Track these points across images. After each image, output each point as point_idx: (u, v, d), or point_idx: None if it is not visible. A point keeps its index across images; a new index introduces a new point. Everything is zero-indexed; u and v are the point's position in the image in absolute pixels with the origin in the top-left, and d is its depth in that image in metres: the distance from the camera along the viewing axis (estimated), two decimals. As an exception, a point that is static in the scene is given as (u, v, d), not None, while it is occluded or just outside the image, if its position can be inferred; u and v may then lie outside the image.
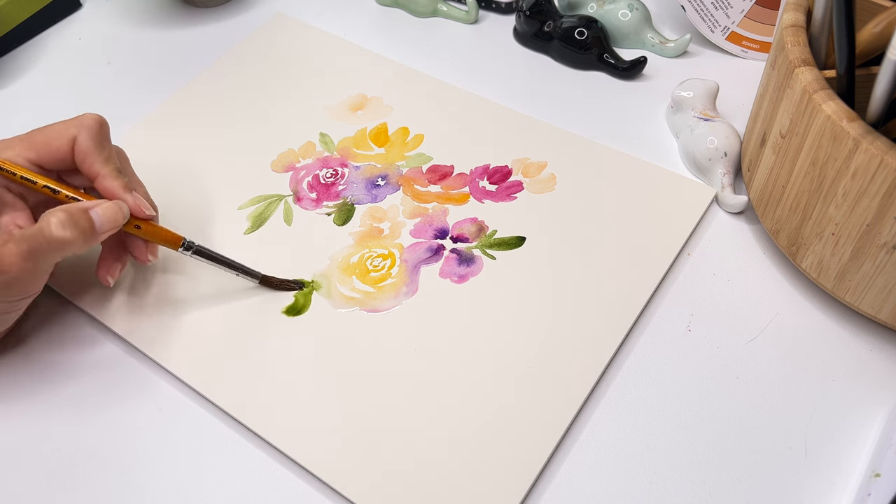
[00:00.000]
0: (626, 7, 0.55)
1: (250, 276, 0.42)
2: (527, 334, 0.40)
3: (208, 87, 0.55)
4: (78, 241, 0.36)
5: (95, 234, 0.36)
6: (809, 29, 0.39)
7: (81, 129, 0.38)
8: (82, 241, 0.36)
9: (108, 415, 0.39)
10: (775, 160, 0.40)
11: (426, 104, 0.52)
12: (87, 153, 0.38)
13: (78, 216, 0.36)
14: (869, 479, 0.34)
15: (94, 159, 0.38)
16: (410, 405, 0.38)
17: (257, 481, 0.37)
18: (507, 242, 0.44)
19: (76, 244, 0.36)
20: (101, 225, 0.36)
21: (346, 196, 0.47)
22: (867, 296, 0.38)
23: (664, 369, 0.40)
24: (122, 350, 0.41)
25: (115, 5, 0.63)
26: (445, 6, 0.59)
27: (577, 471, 0.36)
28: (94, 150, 0.38)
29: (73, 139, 0.38)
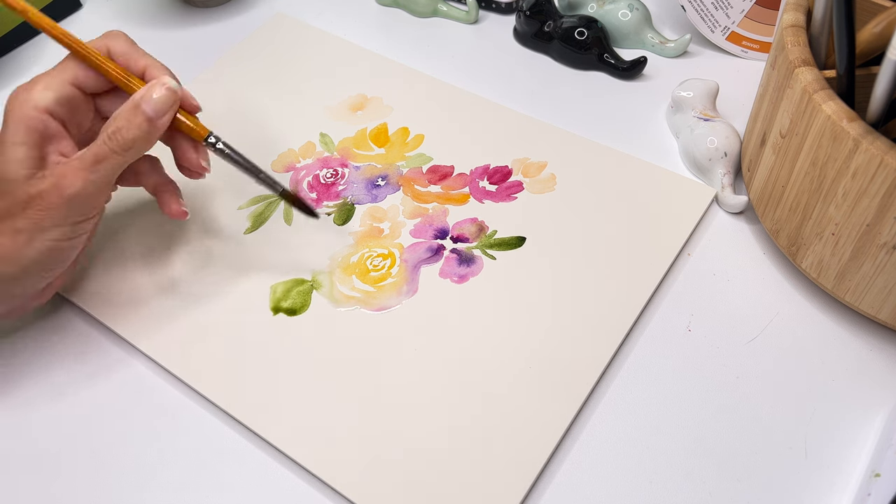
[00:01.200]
0: (626, 7, 0.55)
1: (271, 186, 0.41)
2: (527, 334, 0.40)
3: (208, 87, 0.55)
4: (141, 138, 0.36)
5: (154, 124, 0.37)
6: (809, 29, 0.39)
7: (111, 39, 0.38)
8: (146, 137, 0.36)
9: (108, 415, 0.39)
10: (775, 160, 0.40)
11: (426, 104, 0.52)
12: (127, 52, 0.38)
13: (132, 114, 0.36)
14: (869, 479, 0.35)
15: (136, 57, 0.38)
16: (410, 405, 0.38)
17: (257, 481, 0.37)
18: (507, 242, 0.44)
19: (139, 141, 0.36)
20: (155, 112, 0.36)
21: (346, 196, 0.47)
22: (867, 296, 0.38)
23: (664, 369, 0.40)
24: (122, 350, 0.41)
25: (115, 5, 0.63)
26: (445, 6, 0.59)
27: (577, 471, 0.36)
28: (131, 49, 0.38)
29: (107, 50, 0.38)
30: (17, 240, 0.35)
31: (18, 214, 0.35)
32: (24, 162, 0.35)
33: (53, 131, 0.36)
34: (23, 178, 0.35)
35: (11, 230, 0.35)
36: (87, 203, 0.36)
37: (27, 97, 0.36)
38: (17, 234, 0.35)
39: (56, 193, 0.35)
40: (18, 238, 0.35)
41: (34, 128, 0.35)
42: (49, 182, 0.35)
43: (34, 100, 0.36)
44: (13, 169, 0.35)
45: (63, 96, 0.37)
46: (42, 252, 0.36)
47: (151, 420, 0.39)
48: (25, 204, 0.35)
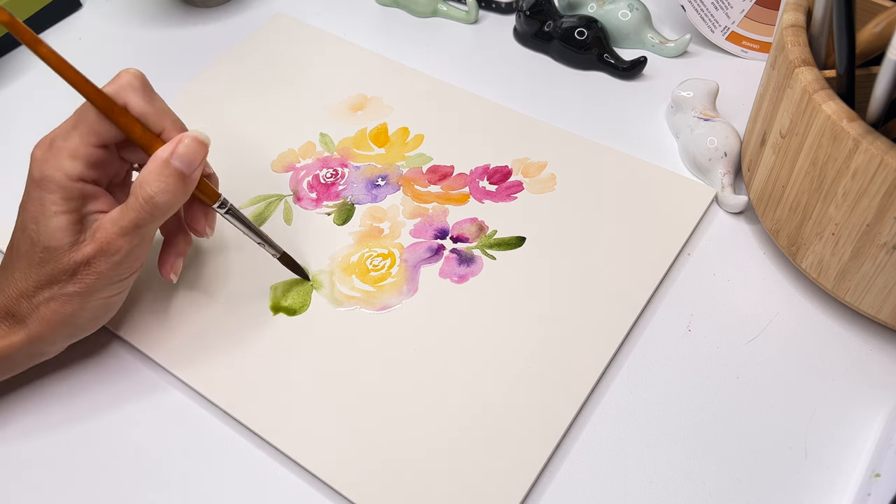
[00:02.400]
0: (626, 7, 0.55)
1: (272, 249, 0.41)
2: (527, 334, 0.40)
3: (208, 86, 0.55)
4: (176, 198, 0.36)
5: (187, 180, 0.36)
6: (809, 29, 0.39)
7: (128, 91, 0.36)
8: (182, 193, 0.36)
9: (107, 415, 0.39)
10: (775, 160, 0.40)
11: (426, 104, 0.52)
12: (145, 113, 0.37)
13: (166, 174, 0.35)
14: (869, 479, 0.35)
15: (154, 117, 0.37)
16: (410, 405, 0.38)
17: (257, 481, 0.37)
18: (507, 242, 0.44)
19: (177, 199, 0.36)
20: (187, 166, 0.36)
21: (346, 196, 0.47)
22: (867, 296, 0.38)
23: (664, 369, 0.40)
24: (121, 349, 0.41)
25: (115, 5, 0.63)
26: (445, 6, 0.59)
27: (577, 471, 0.36)
28: (148, 108, 0.37)
29: (124, 106, 0.36)
30: (71, 304, 0.36)
31: (67, 281, 0.35)
32: (66, 230, 0.35)
33: (90, 193, 0.36)
34: (67, 245, 0.35)
35: (63, 296, 0.35)
36: (135, 260, 0.37)
37: (57, 166, 0.35)
38: (68, 299, 0.36)
39: (103, 260, 0.35)
40: (72, 302, 0.36)
41: (71, 196, 0.35)
42: (93, 248, 0.35)
43: (65, 170, 0.35)
44: (57, 237, 0.35)
45: (92, 160, 0.36)
46: (95, 311, 0.37)
47: (150, 420, 0.39)
48: (73, 271, 0.35)
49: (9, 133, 0.54)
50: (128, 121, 0.36)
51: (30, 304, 0.36)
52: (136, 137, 0.36)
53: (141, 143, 0.36)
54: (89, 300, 0.36)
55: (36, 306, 0.36)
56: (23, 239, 0.36)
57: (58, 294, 0.35)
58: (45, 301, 0.36)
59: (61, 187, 0.35)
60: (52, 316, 0.36)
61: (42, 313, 0.36)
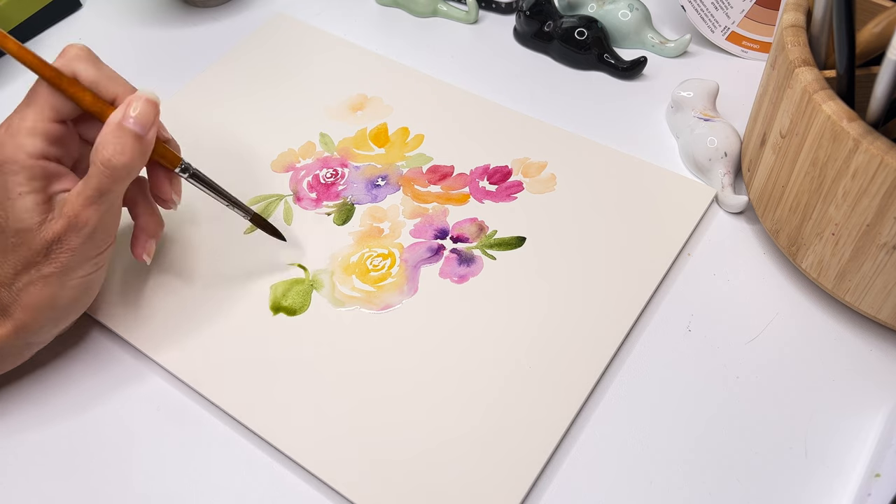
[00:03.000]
0: (626, 7, 0.55)
1: (242, 211, 0.41)
2: (527, 334, 0.40)
3: (208, 86, 0.55)
4: (134, 159, 0.35)
5: (143, 140, 0.35)
6: (809, 29, 0.39)
7: (75, 62, 0.36)
8: (139, 154, 0.35)
9: (107, 414, 0.39)
10: (775, 160, 0.40)
11: (426, 104, 0.52)
12: (96, 80, 0.36)
13: (121, 136, 0.35)
14: (869, 479, 0.34)
15: (105, 83, 0.37)
16: (410, 405, 0.38)
17: (257, 481, 0.37)
18: (507, 242, 0.44)
19: (134, 160, 0.35)
20: (142, 127, 0.35)
21: (346, 196, 0.47)
22: (867, 296, 0.38)
23: (664, 369, 0.40)
24: (122, 349, 0.41)
25: (115, 5, 0.63)
26: (445, 6, 0.59)
27: (577, 471, 0.36)
28: (99, 74, 0.37)
29: (73, 76, 0.36)
30: (50, 285, 0.35)
31: (42, 262, 0.35)
32: (34, 210, 0.35)
33: (53, 171, 0.36)
34: (36, 224, 0.35)
35: (41, 278, 0.35)
36: (105, 233, 0.36)
37: (16, 145, 0.35)
38: (47, 280, 0.35)
39: (74, 235, 0.35)
40: (51, 284, 0.35)
41: (35, 175, 0.35)
42: (62, 224, 0.35)
43: (26, 148, 0.35)
44: (25, 218, 0.35)
45: (51, 136, 0.36)
46: (75, 290, 0.37)
47: (150, 420, 0.39)
48: (47, 251, 0.35)
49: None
50: (78, 90, 0.36)
51: (10, 293, 0.35)
52: (88, 105, 0.36)
53: (93, 110, 0.36)
54: (67, 279, 0.36)
55: (17, 294, 0.35)
56: None
57: (36, 277, 0.35)
58: (24, 286, 0.35)
59: (24, 167, 0.35)
60: (34, 301, 0.35)
61: (24, 300, 0.35)
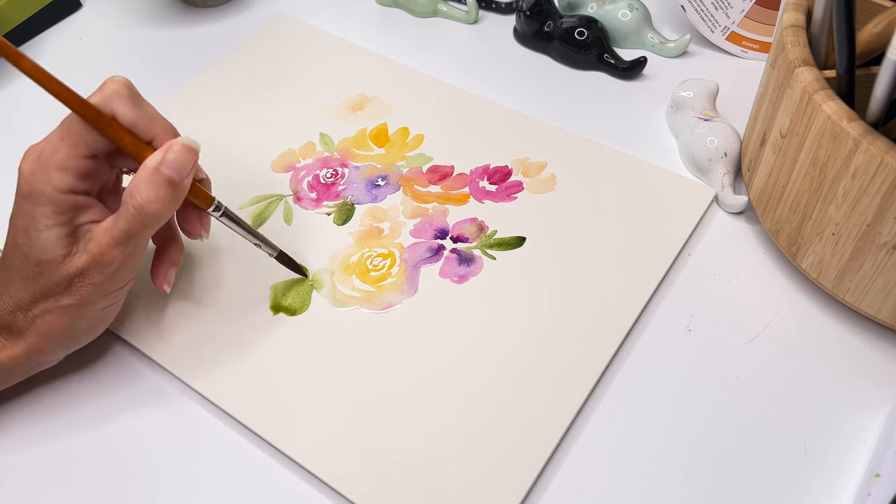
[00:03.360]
0: (626, 7, 0.55)
1: (269, 249, 0.41)
2: (526, 334, 0.40)
3: (208, 86, 0.55)
4: (168, 206, 0.35)
5: (178, 186, 0.35)
6: (809, 29, 0.39)
7: (114, 100, 0.35)
8: (172, 201, 0.35)
9: (107, 416, 0.39)
10: (775, 160, 0.40)
11: (426, 104, 0.52)
12: (135, 121, 0.35)
13: (157, 182, 0.34)
14: (869, 479, 0.35)
15: (144, 125, 0.36)
16: (410, 405, 0.38)
17: (257, 481, 0.37)
18: (507, 242, 0.44)
19: (167, 208, 0.35)
20: (178, 174, 0.35)
21: (346, 196, 0.47)
22: (867, 296, 0.38)
23: (664, 369, 0.40)
24: (120, 349, 0.41)
25: (115, 5, 0.63)
26: (445, 6, 0.59)
27: (577, 471, 0.36)
28: (138, 115, 0.36)
29: (112, 115, 0.35)
30: (67, 316, 0.35)
31: (62, 293, 0.35)
32: (59, 243, 0.34)
33: (81, 204, 0.35)
34: (59, 258, 0.34)
35: (58, 308, 0.35)
36: (128, 271, 0.36)
37: (46, 179, 0.34)
38: (64, 311, 0.35)
39: (97, 271, 0.35)
40: (68, 314, 0.35)
41: (62, 209, 0.34)
42: (86, 259, 0.34)
43: (55, 183, 0.34)
44: (49, 250, 0.34)
45: (81, 171, 0.35)
46: (92, 322, 0.37)
47: (149, 420, 0.39)
48: (68, 283, 0.35)
49: (8, 134, 0.54)
50: (116, 130, 0.35)
51: (26, 318, 0.35)
52: (126, 147, 0.35)
53: (131, 152, 0.36)
54: (85, 311, 0.36)
55: (32, 319, 0.35)
56: (15, 253, 0.35)
57: (54, 306, 0.35)
58: (41, 314, 0.35)
59: (51, 201, 0.34)
60: (49, 328, 0.35)
61: (39, 326, 0.35)
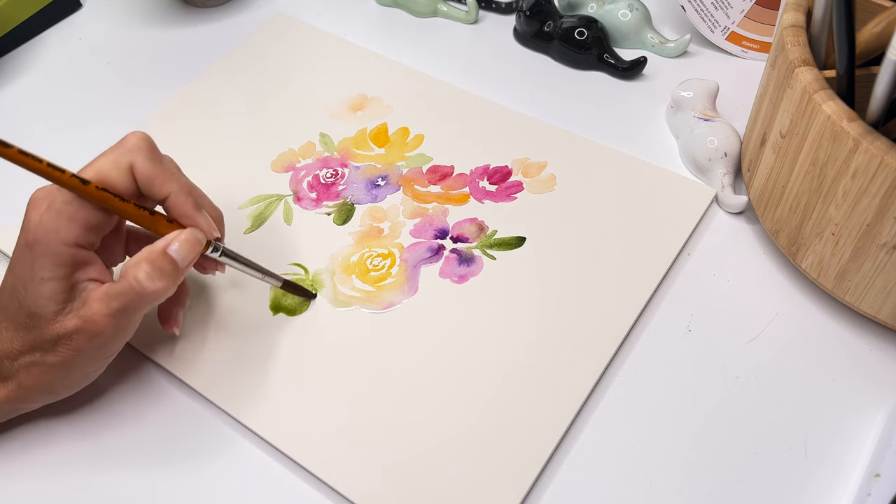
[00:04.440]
0: (626, 7, 0.55)
1: (274, 279, 0.41)
2: (526, 334, 0.40)
3: (208, 86, 0.55)
4: (168, 286, 0.35)
5: (180, 272, 0.35)
6: (809, 29, 0.39)
7: (134, 153, 0.35)
8: (172, 286, 0.35)
9: (103, 413, 0.39)
10: (775, 160, 0.40)
11: (426, 104, 0.52)
12: (152, 176, 0.36)
13: (161, 262, 0.34)
14: (869, 479, 0.35)
15: (161, 179, 0.36)
16: (410, 405, 0.38)
17: (258, 482, 0.37)
18: (507, 242, 0.44)
19: (167, 291, 0.35)
20: (182, 260, 0.35)
21: (346, 196, 0.47)
22: (867, 296, 0.38)
23: (664, 369, 0.40)
24: (123, 350, 0.41)
25: (115, 5, 0.63)
26: (445, 6, 0.59)
27: (577, 471, 0.36)
28: (155, 170, 0.36)
29: (130, 167, 0.35)
30: (51, 374, 0.35)
31: (49, 350, 0.34)
32: (52, 298, 0.34)
33: (83, 259, 0.34)
34: (52, 314, 0.34)
35: (43, 364, 0.34)
36: (117, 343, 0.36)
37: (54, 228, 0.33)
38: (48, 369, 0.35)
39: (84, 337, 0.34)
40: (51, 373, 0.35)
41: (63, 262, 0.34)
42: (76, 324, 0.34)
43: (60, 234, 0.33)
44: (42, 304, 0.34)
45: (91, 224, 0.34)
46: (74, 381, 0.36)
47: (149, 419, 0.39)
48: (55, 341, 0.34)
49: (8, 134, 0.54)
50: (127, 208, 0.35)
51: (11, 367, 0.35)
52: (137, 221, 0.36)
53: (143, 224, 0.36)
54: (69, 372, 0.35)
55: (17, 370, 0.35)
56: (11, 300, 0.35)
57: (39, 361, 0.34)
58: (26, 366, 0.35)
59: (54, 252, 0.33)
60: (32, 382, 0.35)
61: (22, 378, 0.35)
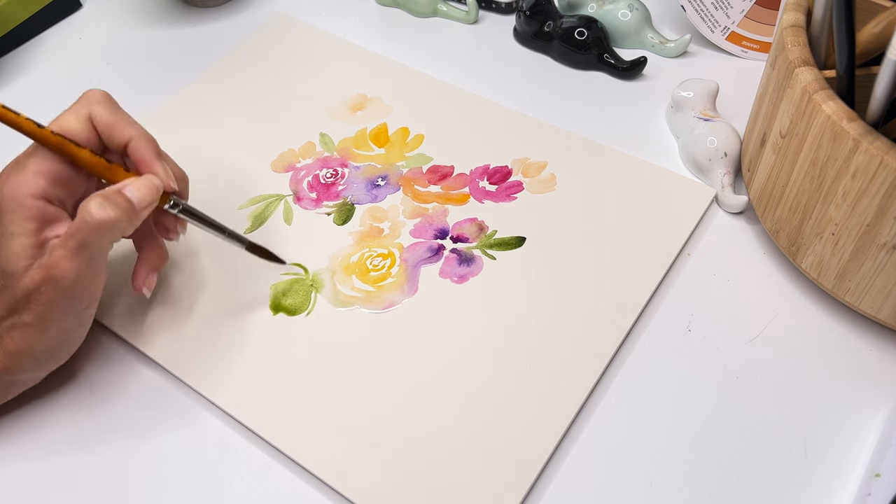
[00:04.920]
0: (626, 7, 0.55)
1: (237, 241, 0.41)
2: (527, 334, 0.40)
3: (208, 86, 0.55)
4: (121, 219, 0.34)
5: (136, 211, 0.35)
6: (809, 29, 0.39)
7: (93, 103, 0.36)
8: (126, 220, 0.35)
9: (104, 415, 0.39)
10: (775, 160, 0.40)
11: (426, 104, 0.52)
12: (111, 122, 0.36)
13: (114, 196, 0.34)
14: (869, 479, 0.35)
15: (120, 126, 0.36)
16: (410, 405, 0.38)
17: (257, 482, 0.37)
18: (507, 242, 0.44)
19: (121, 223, 0.34)
20: (137, 199, 0.35)
21: (346, 196, 0.47)
22: (867, 296, 0.38)
23: (664, 369, 0.40)
24: (120, 349, 0.41)
25: (115, 5, 0.63)
26: (445, 6, 0.59)
27: (577, 471, 0.36)
28: (114, 117, 0.36)
29: (89, 117, 0.36)
30: (28, 334, 0.34)
31: (23, 309, 0.34)
32: (22, 253, 0.34)
33: (51, 215, 0.35)
34: (21, 269, 0.34)
35: (21, 325, 0.34)
36: (84, 290, 0.35)
37: (19, 182, 0.34)
38: (27, 329, 0.34)
39: (52, 287, 0.33)
40: (28, 333, 0.34)
41: (31, 216, 0.34)
42: (41, 274, 0.33)
43: (28, 187, 0.34)
44: (13, 261, 0.34)
45: (56, 176, 0.35)
46: (52, 343, 0.36)
47: (150, 419, 0.39)
48: (27, 298, 0.34)
49: (8, 133, 0.53)
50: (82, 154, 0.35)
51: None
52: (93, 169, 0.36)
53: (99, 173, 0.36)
54: (45, 332, 0.35)
55: (1, 336, 0.35)
56: None
57: (18, 323, 0.34)
58: (7, 330, 0.34)
59: (21, 206, 0.34)
60: (14, 347, 0.35)
61: (6, 344, 0.35)
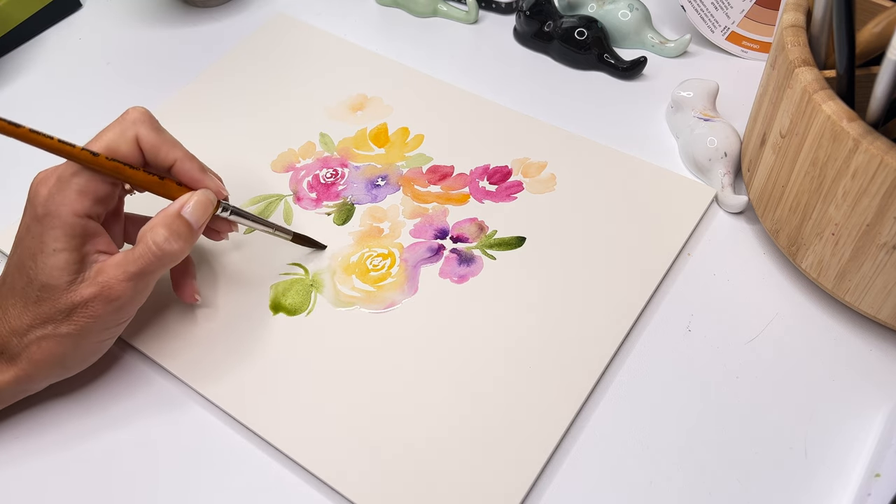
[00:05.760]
0: (626, 7, 0.55)
1: (284, 234, 0.43)
2: (527, 334, 0.40)
3: (208, 87, 0.55)
4: (186, 250, 0.36)
5: (194, 233, 0.37)
6: (809, 29, 0.39)
7: (138, 125, 0.37)
8: (187, 247, 0.36)
9: (105, 413, 0.39)
10: (775, 160, 0.40)
11: (426, 104, 0.52)
12: (157, 144, 0.37)
13: (177, 225, 0.36)
14: (869, 479, 0.35)
15: (165, 148, 0.37)
16: (410, 405, 0.38)
17: (257, 482, 0.37)
18: (507, 242, 0.44)
19: (183, 252, 0.36)
20: (196, 221, 0.37)
21: (346, 196, 0.47)
22: (867, 296, 0.38)
23: (664, 369, 0.40)
24: (121, 350, 0.41)
25: (115, 5, 0.63)
26: (445, 6, 0.59)
27: (578, 471, 0.36)
28: (159, 139, 0.37)
29: (135, 138, 0.37)
30: (63, 345, 0.35)
31: (62, 321, 0.35)
32: (66, 268, 0.34)
33: (92, 231, 0.36)
34: (65, 283, 0.34)
35: (56, 336, 0.35)
36: (132, 307, 0.37)
37: (63, 201, 0.35)
38: (61, 340, 0.35)
39: (102, 303, 0.35)
40: (64, 344, 0.35)
41: (74, 233, 0.35)
42: (93, 290, 0.34)
43: (73, 206, 0.35)
44: (55, 276, 0.34)
45: (100, 196, 0.36)
46: (85, 353, 0.37)
47: (150, 419, 0.39)
48: (69, 311, 0.34)
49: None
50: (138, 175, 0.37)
51: (20, 343, 0.35)
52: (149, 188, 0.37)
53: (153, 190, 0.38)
54: (82, 342, 0.36)
55: (27, 345, 0.35)
56: (19, 276, 0.35)
57: (52, 333, 0.35)
58: (36, 340, 0.35)
59: (65, 224, 0.34)
60: (43, 356, 0.35)
61: (32, 353, 0.35)
